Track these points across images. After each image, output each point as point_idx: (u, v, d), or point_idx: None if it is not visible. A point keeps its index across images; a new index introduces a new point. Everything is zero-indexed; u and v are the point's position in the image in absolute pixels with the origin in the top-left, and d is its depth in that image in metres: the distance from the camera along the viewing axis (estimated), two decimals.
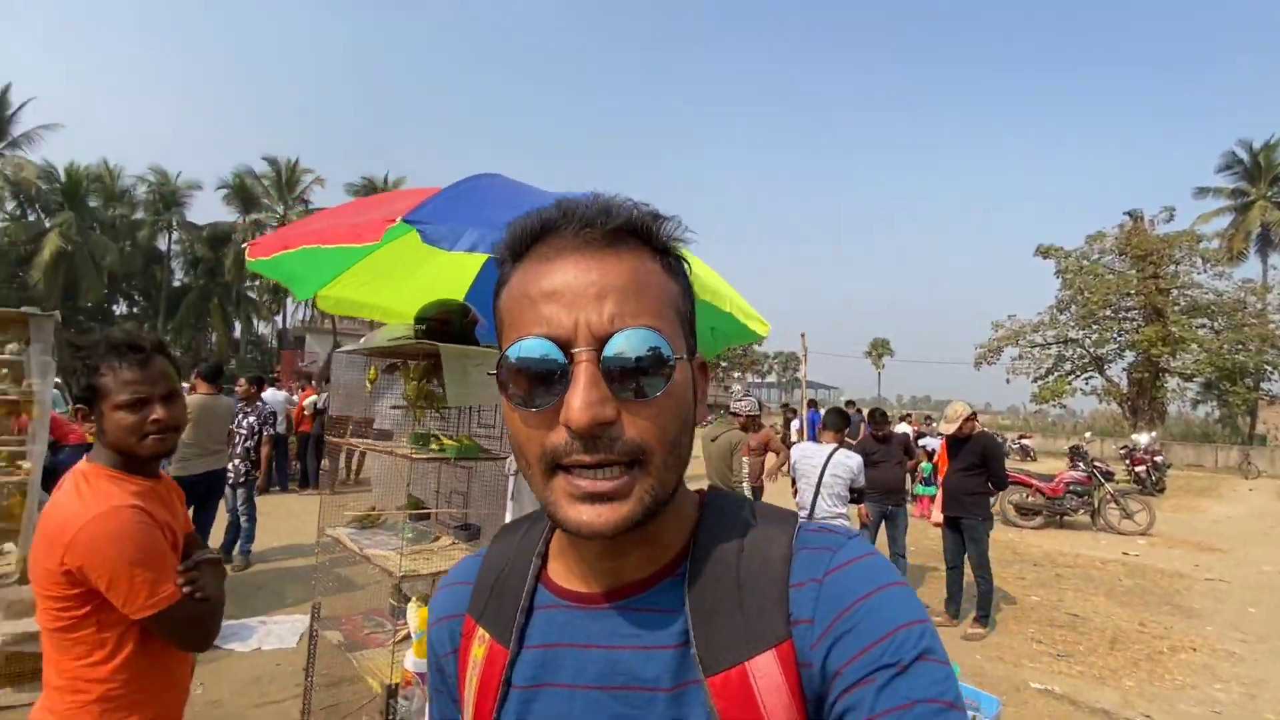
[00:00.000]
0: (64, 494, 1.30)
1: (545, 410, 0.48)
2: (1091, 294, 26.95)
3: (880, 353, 67.44)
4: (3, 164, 28.08)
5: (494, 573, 0.63)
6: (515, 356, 0.48)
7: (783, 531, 0.56)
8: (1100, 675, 4.35)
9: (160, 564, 1.28)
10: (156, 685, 1.33)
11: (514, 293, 0.52)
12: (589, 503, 0.48)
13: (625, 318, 0.48)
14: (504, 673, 0.56)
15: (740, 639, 0.50)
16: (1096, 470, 10.15)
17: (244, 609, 4.64)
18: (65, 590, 1.22)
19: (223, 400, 5.56)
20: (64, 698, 1.25)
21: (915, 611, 0.49)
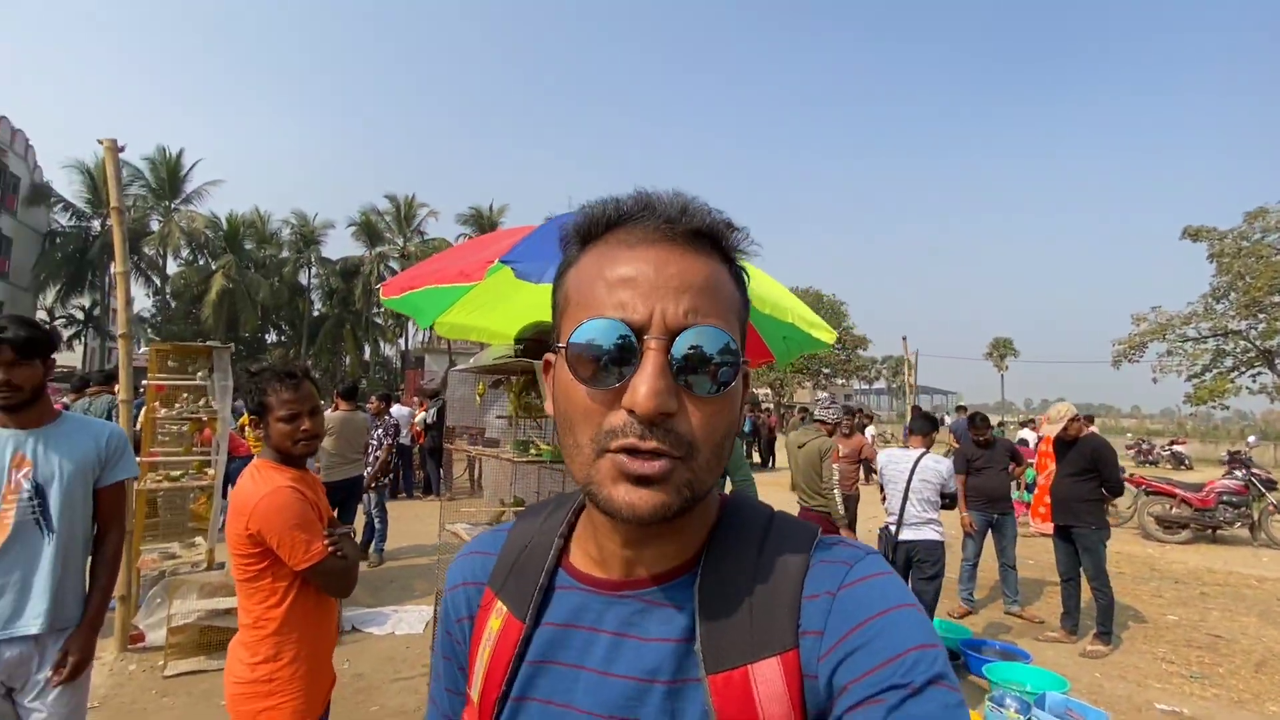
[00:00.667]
0: (244, 480, 1.80)
1: (608, 391, 0.49)
2: (1255, 279, 23.73)
3: (1003, 353, 62.51)
4: (179, 218, 32.71)
5: (517, 550, 0.64)
6: (587, 334, 0.49)
7: (801, 543, 0.56)
8: (1240, 699, 3.97)
9: (312, 528, 1.74)
10: (312, 624, 1.80)
11: (585, 274, 0.53)
12: (633, 484, 0.49)
13: (699, 314, 0.50)
14: (517, 647, 0.58)
15: (746, 642, 0.51)
16: (1255, 479, 9.02)
17: (378, 599, 5.27)
18: (249, 549, 1.70)
19: (359, 416, 6.32)
20: (250, 632, 1.73)
21: (929, 635, 0.49)
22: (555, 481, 3.29)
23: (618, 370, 0.49)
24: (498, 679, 0.58)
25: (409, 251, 36.59)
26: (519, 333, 2.93)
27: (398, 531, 7.72)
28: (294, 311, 37.93)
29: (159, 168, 32.49)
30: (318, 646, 1.82)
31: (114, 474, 1.92)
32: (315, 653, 1.81)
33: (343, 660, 4.08)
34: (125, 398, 4.07)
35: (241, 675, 1.70)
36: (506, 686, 0.57)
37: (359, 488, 6.22)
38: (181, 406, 5.00)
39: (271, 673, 1.70)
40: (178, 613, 3.94)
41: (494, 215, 37.51)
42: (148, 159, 32.32)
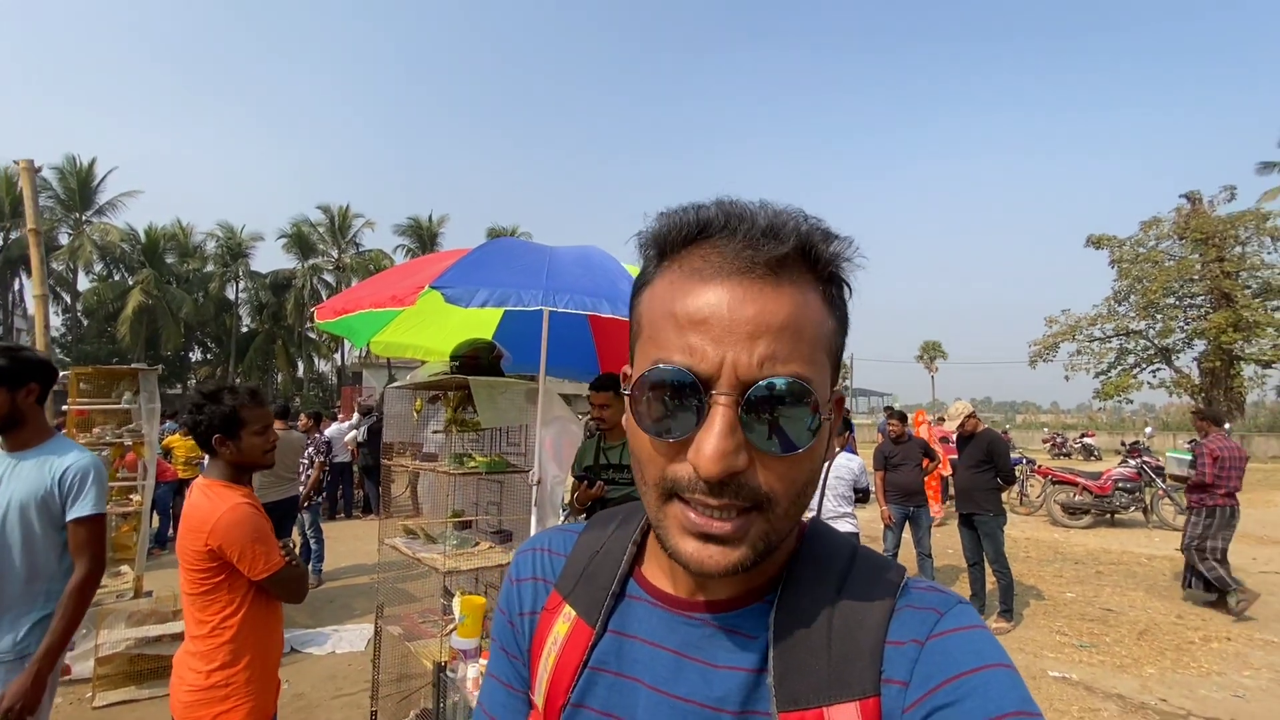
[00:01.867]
0: (198, 499, 1.87)
1: (673, 443, 0.47)
2: (1151, 282, 25.88)
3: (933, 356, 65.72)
4: (91, 230, 30.83)
5: (587, 555, 0.62)
6: (651, 381, 0.47)
7: (888, 582, 0.52)
8: (1122, 664, 4.45)
9: (270, 541, 1.86)
10: (264, 631, 1.91)
11: (658, 303, 0.49)
12: (702, 540, 0.46)
13: (776, 363, 0.45)
14: (585, 654, 0.56)
15: (823, 682, 0.47)
16: (1146, 466, 9.93)
17: (318, 619, 5.22)
18: (207, 564, 1.80)
19: (294, 435, 6.24)
20: (205, 641, 1.81)
21: (1027, 701, 0.44)
22: (493, 492, 3.42)
23: (685, 421, 0.46)
24: (564, 685, 0.56)
25: (344, 263, 35.59)
26: (454, 350, 3.05)
27: (337, 551, 7.60)
28: (220, 327, 36.25)
29: (68, 178, 30.58)
30: (268, 654, 1.92)
31: (72, 510, 1.91)
32: (266, 659, 1.92)
33: (283, 679, 4.05)
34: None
35: (196, 683, 1.78)
36: (571, 693, 0.56)
37: (294, 507, 6.12)
38: (101, 431, 4.85)
39: (227, 678, 1.79)
40: (105, 643, 3.84)
41: (434, 226, 36.95)
42: (55, 168, 30.37)
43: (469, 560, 2.88)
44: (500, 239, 2.66)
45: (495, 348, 3.12)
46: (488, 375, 2.99)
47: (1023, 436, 32.53)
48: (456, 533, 3.22)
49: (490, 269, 2.32)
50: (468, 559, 2.90)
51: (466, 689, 2.39)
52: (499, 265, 2.38)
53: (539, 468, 2.89)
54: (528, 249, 2.68)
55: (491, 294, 2.11)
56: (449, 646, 2.65)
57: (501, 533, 3.20)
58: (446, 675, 2.55)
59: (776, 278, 0.46)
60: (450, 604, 3.08)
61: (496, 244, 2.60)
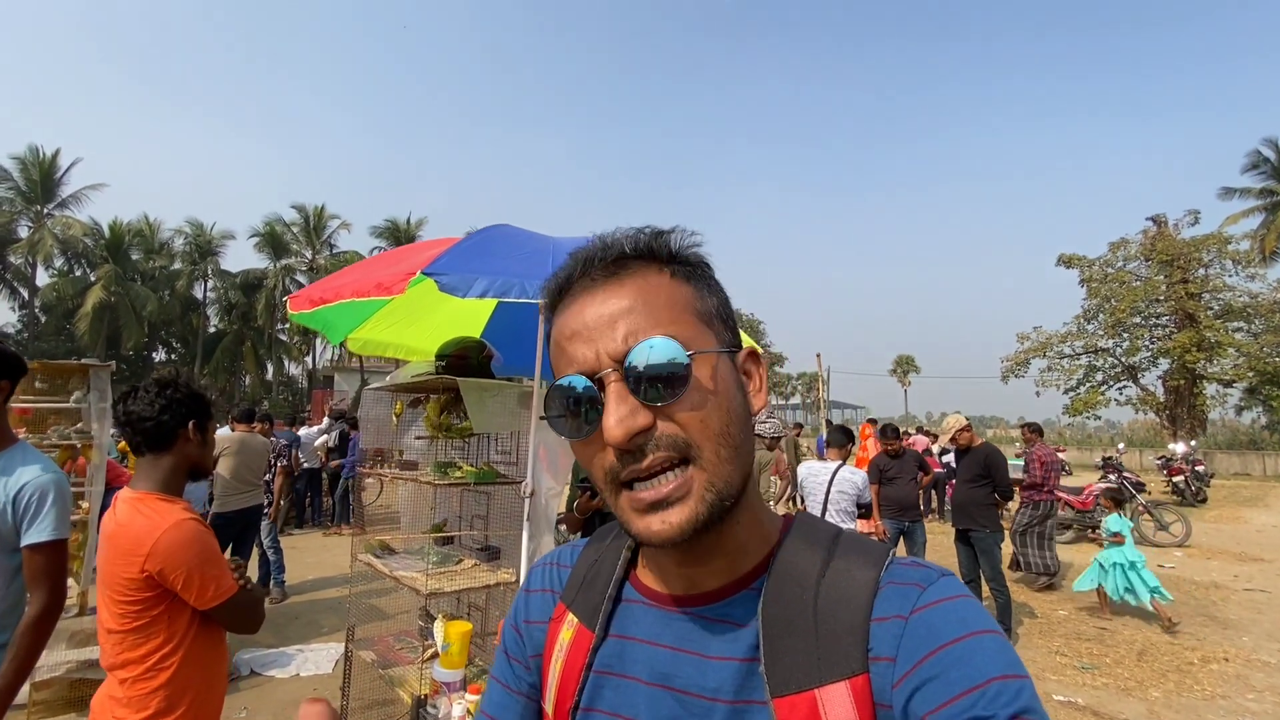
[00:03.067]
0: (127, 516, 1.55)
1: (591, 440, 0.52)
2: (1119, 302, 26.52)
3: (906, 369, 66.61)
4: (53, 224, 29.64)
5: (587, 565, 0.66)
6: (554, 395, 0.53)
7: (872, 562, 0.53)
8: (1126, 687, 4.32)
9: (220, 563, 1.57)
10: (207, 668, 1.60)
11: (553, 344, 0.56)
12: (653, 511, 0.49)
13: (637, 335, 0.51)
14: (588, 657, 0.59)
15: (813, 664, 0.49)
16: (1126, 482, 9.98)
17: (282, 638, 4.86)
18: (143, 593, 1.48)
19: (258, 438, 5.85)
20: (136, 685, 1.50)
21: (1013, 665, 0.46)
22: (480, 504, 3.15)
23: (593, 415, 0.51)
24: (570, 689, 0.59)
25: (318, 264, 34.77)
26: (440, 349, 2.80)
27: (303, 563, 7.21)
28: (186, 327, 35.14)
29: (30, 168, 29.45)
30: (211, 696, 1.63)
31: (29, 535, 1.62)
32: (208, 703, 1.62)
33: (239, 708, 3.71)
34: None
35: None
36: (577, 697, 0.58)
37: (258, 518, 5.73)
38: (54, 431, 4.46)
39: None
40: (43, 665, 3.47)
41: (411, 228, 36.31)
42: (16, 158, 29.22)
43: (452, 580, 2.61)
44: (498, 225, 2.41)
45: (485, 347, 2.87)
46: (477, 376, 2.74)
47: None
48: (438, 549, 2.95)
49: (489, 256, 2.08)
50: (451, 578, 2.63)
51: None
52: (499, 253, 2.14)
53: (532, 479, 2.64)
54: (530, 237, 2.44)
55: (492, 283, 1.86)
56: (430, 677, 2.38)
57: (488, 549, 2.94)
58: (427, 712, 2.27)
59: (617, 277, 0.54)
60: (429, 626, 2.80)
61: (494, 230, 2.36)
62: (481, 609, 3.06)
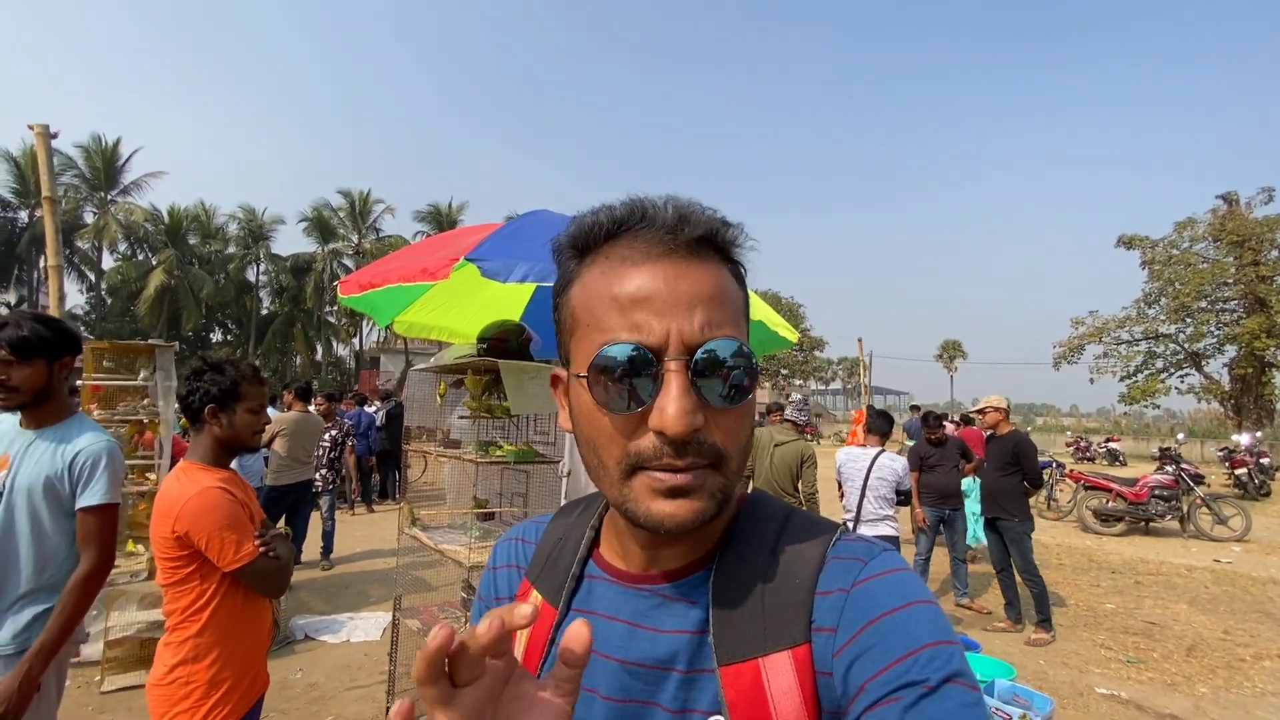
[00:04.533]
0: (170, 483, 1.74)
1: (632, 416, 0.49)
2: (1183, 285, 25.20)
3: (952, 355, 64.76)
4: (116, 210, 31.10)
5: (552, 542, 0.67)
6: (605, 360, 0.49)
7: (819, 540, 0.56)
8: (1173, 682, 4.21)
9: (242, 529, 1.70)
10: (238, 626, 1.75)
11: (594, 292, 0.52)
12: (669, 497, 0.49)
13: (713, 327, 0.49)
14: (551, 633, 0.60)
15: (758, 635, 0.51)
16: (1184, 474, 9.57)
17: (334, 606, 5.11)
18: (177, 552, 1.65)
19: (314, 418, 6.12)
20: (177, 633, 1.68)
21: (944, 632, 0.48)
22: (519, 482, 3.25)
23: (640, 393, 0.49)
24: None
25: (364, 248, 35.64)
26: (481, 332, 2.87)
27: (353, 536, 7.53)
28: (241, 309, 36.52)
29: (94, 157, 30.84)
30: (244, 650, 1.75)
31: (82, 498, 1.77)
32: (240, 656, 1.74)
33: (295, 669, 3.94)
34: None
35: (158, 677, 1.65)
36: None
37: (309, 492, 6.02)
38: (123, 408, 4.75)
39: (189, 675, 1.64)
40: (115, 625, 3.74)
41: (453, 213, 36.87)
42: (81, 147, 30.65)
43: None
44: (538, 211, 2.47)
45: (524, 330, 2.94)
46: (516, 359, 2.82)
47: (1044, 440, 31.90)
48: (479, 524, 3.06)
49: (529, 242, 2.13)
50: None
51: None
52: (539, 238, 2.19)
53: (569, 459, 2.71)
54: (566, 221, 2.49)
55: (532, 268, 1.92)
56: None
57: None
58: None
59: (698, 257, 0.52)
60: (471, 598, 2.92)
61: (533, 216, 2.41)
62: None
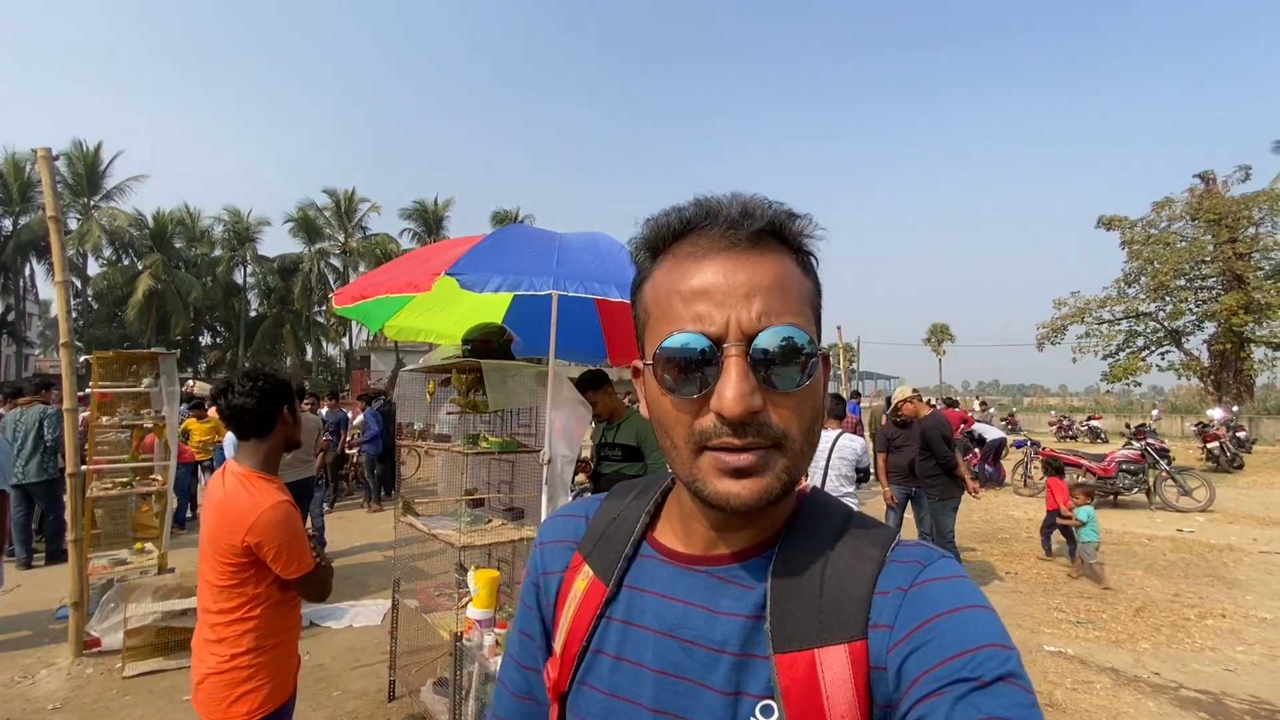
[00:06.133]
0: (235, 491, 1.84)
1: (695, 400, 0.53)
2: (1162, 264, 25.60)
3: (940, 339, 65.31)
4: (99, 215, 30.96)
5: (606, 521, 0.69)
6: (670, 349, 0.53)
7: (879, 542, 0.57)
8: (1117, 639, 4.55)
9: (304, 541, 1.87)
10: (284, 617, 1.93)
11: (661, 288, 0.56)
12: (735, 477, 0.52)
13: (771, 315, 0.52)
14: (600, 608, 0.63)
15: (815, 627, 0.52)
16: (1150, 448, 9.97)
17: (336, 595, 5.33)
18: (240, 559, 1.80)
19: (312, 417, 6.37)
20: (231, 628, 1.83)
21: (1003, 636, 0.49)
22: (505, 471, 3.53)
23: (702, 378, 0.52)
24: (580, 634, 0.63)
25: (351, 247, 35.66)
26: (466, 334, 3.14)
27: (350, 530, 7.80)
28: (229, 311, 36.47)
29: (75, 163, 30.65)
30: (288, 635, 1.95)
31: None
32: (286, 641, 1.94)
33: (303, 652, 4.20)
34: (70, 406, 4.08)
35: (216, 666, 1.81)
36: (587, 641, 0.62)
37: (310, 490, 6.28)
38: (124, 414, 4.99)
39: (250, 662, 1.81)
40: (134, 616, 4.00)
41: (439, 209, 36.92)
42: (64, 153, 30.37)
43: (482, 536, 3.00)
44: (512, 226, 2.73)
45: (506, 331, 3.21)
46: (499, 359, 3.09)
47: (1030, 419, 32.46)
48: (470, 510, 3.34)
49: (503, 256, 2.39)
50: (481, 535, 3.01)
51: (483, 655, 2.52)
52: (511, 252, 2.46)
53: (549, 448, 2.99)
54: (538, 236, 2.75)
55: (504, 280, 2.19)
56: (465, 618, 2.77)
57: (513, 510, 3.32)
58: (464, 644, 2.67)
59: (758, 249, 0.54)
60: (464, 579, 3.20)
61: (508, 231, 2.68)
62: (509, 562, 3.46)
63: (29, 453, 6.06)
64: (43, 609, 4.99)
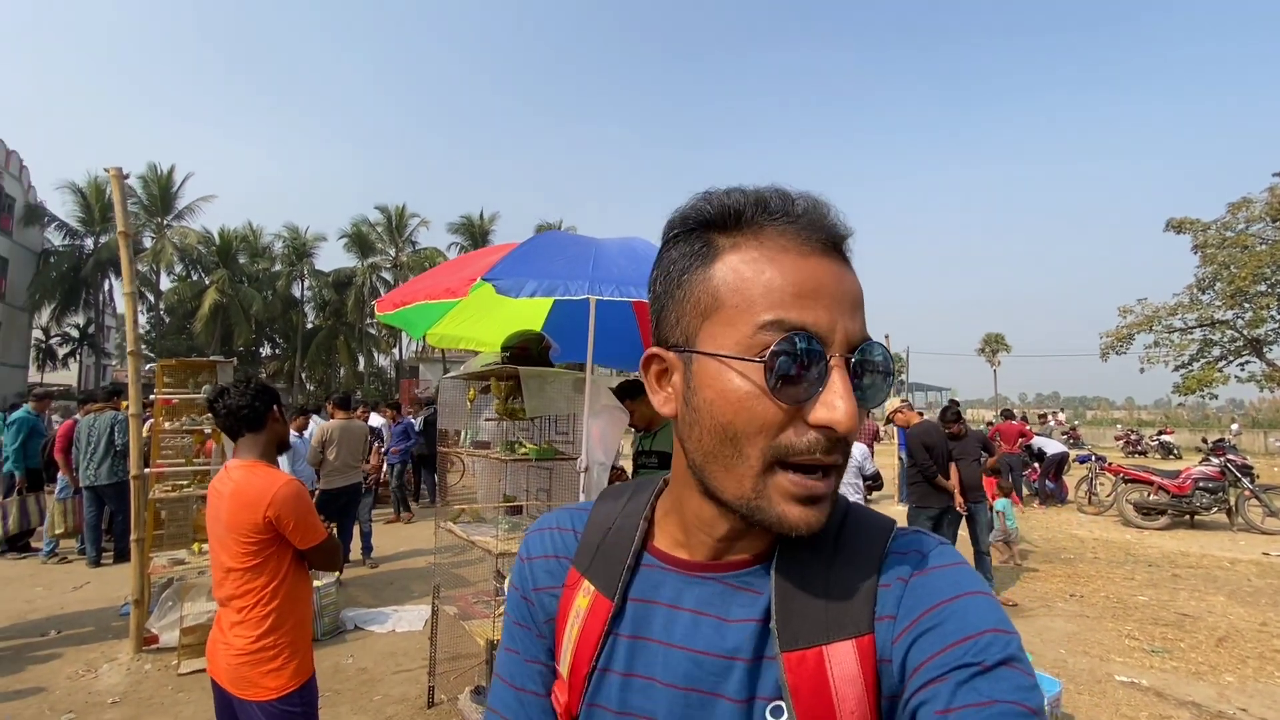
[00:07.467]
0: (246, 478, 1.98)
1: (793, 406, 0.49)
2: (1240, 268, 24.07)
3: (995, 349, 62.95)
4: (172, 234, 32.82)
5: (600, 531, 0.65)
6: (784, 347, 0.48)
7: (878, 533, 0.56)
8: (1198, 671, 4.21)
9: (315, 515, 2.04)
10: (300, 594, 2.07)
11: (747, 275, 0.51)
12: (804, 504, 0.50)
13: (865, 329, 0.51)
14: (606, 624, 0.59)
15: (821, 624, 0.51)
16: (1231, 465, 9.29)
17: (380, 600, 5.47)
18: (262, 535, 1.94)
19: (357, 424, 6.53)
20: (251, 611, 1.95)
21: (1003, 621, 0.49)
22: (543, 479, 3.51)
23: (803, 385, 0.48)
24: (588, 654, 0.59)
25: (401, 261, 36.75)
26: (505, 341, 3.15)
27: (396, 536, 7.94)
28: (287, 324, 37.99)
29: (151, 185, 32.56)
30: (305, 614, 2.09)
31: None
32: (304, 618, 2.07)
33: (347, 655, 4.29)
34: (135, 412, 4.27)
35: (244, 647, 1.92)
36: (595, 661, 0.59)
37: (358, 494, 6.43)
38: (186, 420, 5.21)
39: (276, 640, 1.94)
40: (190, 614, 4.14)
41: (485, 224, 37.73)
42: (140, 177, 32.39)
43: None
44: (548, 232, 2.73)
45: (544, 339, 3.20)
46: (537, 366, 3.08)
47: (1094, 433, 30.89)
48: (508, 518, 3.33)
49: (538, 261, 2.38)
50: (519, 541, 2.99)
51: None
52: (547, 257, 2.45)
53: (586, 456, 2.95)
54: (574, 241, 2.74)
55: (540, 284, 2.17)
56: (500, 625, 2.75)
57: None
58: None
59: (846, 259, 0.53)
60: (502, 586, 3.19)
61: (544, 237, 2.67)
62: None
63: (100, 456, 6.39)
64: (108, 605, 5.23)
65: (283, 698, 1.93)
